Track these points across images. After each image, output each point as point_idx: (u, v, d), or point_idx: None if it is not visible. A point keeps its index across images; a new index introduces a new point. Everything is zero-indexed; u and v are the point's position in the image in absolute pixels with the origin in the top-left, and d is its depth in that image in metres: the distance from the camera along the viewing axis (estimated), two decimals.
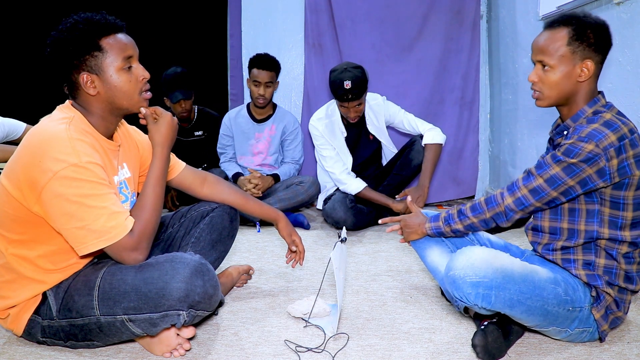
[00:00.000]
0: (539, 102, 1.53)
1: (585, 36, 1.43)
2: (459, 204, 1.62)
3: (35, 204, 1.32)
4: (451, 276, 1.41)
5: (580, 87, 1.47)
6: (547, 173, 1.42)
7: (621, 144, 1.36)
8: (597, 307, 1.47)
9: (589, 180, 1.39)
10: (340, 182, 2.95)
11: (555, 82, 1.47)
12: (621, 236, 1.44)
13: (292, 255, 1.95)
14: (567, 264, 1.51)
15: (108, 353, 1.49)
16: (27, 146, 1.34)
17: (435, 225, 1.68)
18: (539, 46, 1.49)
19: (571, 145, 1.38)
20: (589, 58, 1.44)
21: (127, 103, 1.45)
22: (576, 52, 1.44)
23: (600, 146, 1.35)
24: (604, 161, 1.36)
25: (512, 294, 1.37)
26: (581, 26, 1.44)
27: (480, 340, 1.44)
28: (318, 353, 1.50)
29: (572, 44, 1.44)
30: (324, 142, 3.00)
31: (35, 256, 1.40)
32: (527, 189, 1.46)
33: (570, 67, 1.45)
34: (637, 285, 1.49)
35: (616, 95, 2.08)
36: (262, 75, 3.14)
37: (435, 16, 3.48)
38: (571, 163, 1.38)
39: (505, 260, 1.41)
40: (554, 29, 1.47)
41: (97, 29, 1.39)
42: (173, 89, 3.25)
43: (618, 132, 1.37)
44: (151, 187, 1.46)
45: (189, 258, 1.39)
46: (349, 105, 2.83)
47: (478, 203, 1.56)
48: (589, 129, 1.38)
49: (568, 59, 1.45)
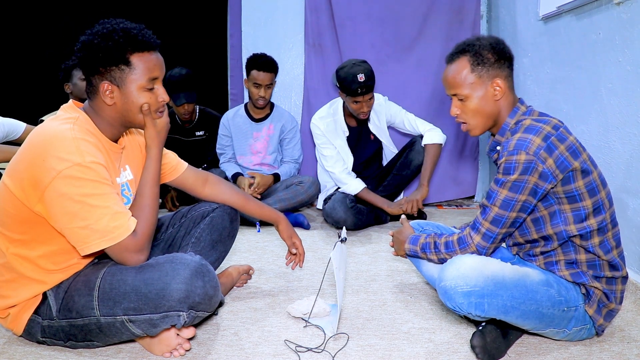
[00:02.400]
0: (472, 132, 1.58)
1: (485, 58, 1.50)
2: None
3: (37, 203, 1.32)
4: (442, 287, 1.41)
5: (500, 104, 1.53)
6: (498, 199, 1.44)
7: (549, 143, 1.39)
8: (589, 303, 1.48)
9: (537, 187, 1.41)
10: (340, 181, 2.95)
11: (476, 109, 1.52)
12: (588, 226, 1.44)
13: (292, 257, 1.95)
14: (551, 266, 1.52)
15: (108, 353, 1.49)
16: (30, 145, 1.34)
17: (413, 248, 1.69)
18: (448, 81, 1.56)
19: (506, 163, 1.41)
20: (496, 77, 1.50)
21: (139, 120, 1.45)
22: (482, 76, 1.50)
23: (531, 152, 1.38)
24: (540, 165, 1.38)
25: (505, 300, 1.37)
26: (478, 51, 1.50)
27: (478, 340, 1.44)
28: (318, 353, 1.50)
29: (475, 69, 1.50)
30: (325, 141, 2.99)
31: (36, 256, 1.40)
32: (487, 222, 1.48)
33: (483, 91, 1.51)
34: (624, 269, 1.50)
35: (616, 95, 2.08)
36: (263, 77, 3.13)
37: (435, 16, 3.48)
38: (514, 180, 1.40)
39: (495, 267, 1.41)
40: (454, 61, 1.54)
41: (130, 44, 1.37)
42: (177, 92, 3.26)
43: (540, 133, 1.40)
44: (148, 187, 1.46)
45: (189, 259, 1.39)
46: (363, 100, 2.78)
47: (451, 241, 1.56)
48: (514, 141, 1.41)
49: (478, 84, 1.51)
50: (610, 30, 2.10)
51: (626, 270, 1.51)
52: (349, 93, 2.77)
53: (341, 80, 2.77)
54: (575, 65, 2.40)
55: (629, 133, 2.01)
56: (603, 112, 2.18)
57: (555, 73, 2.60)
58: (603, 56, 2.16)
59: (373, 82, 2.77)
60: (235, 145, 3.35)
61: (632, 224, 2.00)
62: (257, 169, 3.33)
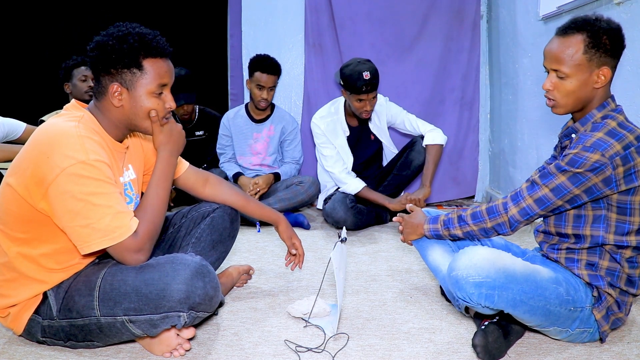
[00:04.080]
0: (555, 110, 1.49)
1: (601, 43, 1.39)
2: (460, 208, 1.61)
3: (41, 201, 1.32)
4: (454, 276, 1.41)
5: (596, 92, 1.45)
6: (553, 182, 1.41)
7: (627, 152, 1.35)
8: (598, 307, 1.47)
9: (595, 188, 1.38)
10: (340, 181, 2.95)
11: (572, 90, 1.43)
12: (627, 241, 1.43)
13: (291, 258, 1.95)
14: (570, 263, 1.51)
15: (108, 353, 1.49)
16: (35, 143, 1.34)
17: (434, 227, 1.67)
18: (553, 54, 1.44)
19: (576, 155, 1.37)
20: (605, 64, 1.41)
21: (145, 125, 1.46)
22: (593, 60, 1.40)
23: (606, 155, 1.34)
24: (610, 170, 1.35)
25: (515, 294, 1.37)
26: (596, 32, 1.39)
27: (480, 340, 1.44)
28: (318, 353, 1.50)
29: (588, 51, 1.40)
30: (325, 140, 2.99)
31: (39, 255, 1.40)
32: (532, 199, 1.45)
33: (587, 75, 1.42)
34: (639, 289, 1.50)
35: (616, 95, 2.07)
36: (266, 79, 3.13)
37: (435, 16, 3.48)
38: (577, 172, 1.37)
39: (507, 261, 1.41)
40: (567, 35, 1.42)
41: (144, 48, 1.39)
42: (176, 92, 3.25)
43: (623, 141, 1.36)
44: (154, 189, 1.46)
45: (190, 259, 1.39)
46: (367, 98, 2.78)
47: (480, 211, 1.55)
48: (594, 139, 1.36)
49: (585, 67, 1.41)
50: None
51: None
52: (354, 91, 2.76)
53: (346, 78, 2.76)
54: None
55: None
56: None
57: None
58: None
59: (377, 81, 2.78)
60: (235, 145, 3.35)
61: None
62: (256, 169, 3.33)
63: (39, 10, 4.23)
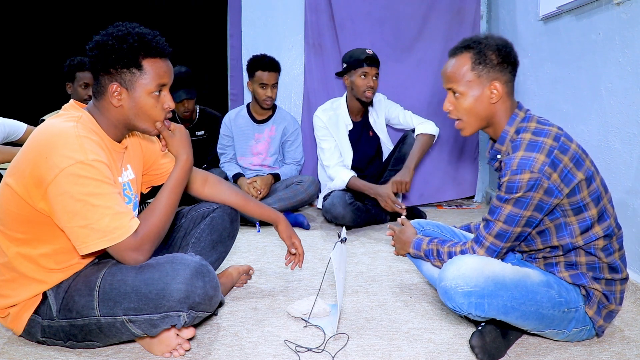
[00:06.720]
0: (463, 132, 1.56)
1: (487, 59, 1.46)
2: (438, 244, 1.61)
3: (40, 201, 1.32)
4: (443, 287, 1.41)
5: (495, 107, 1.50)
6: (502, 214, 1.43)
7: (552, 158, 1.37)
8: (589, 304, 1.48)
9: (542, 203, 1.40)
10: (331, 177, 2.98)
11: (469, 107, 1.50)
12: (594, 235, 1.44)
13: (291, 258, 1.95)
14: (550, 268, 1.53)
15: (108, 353, 1.49)
16: (34, 143, 1.34)
17: (417, 253, 1.70)
18: (447, 74, 1.53)
19: (509, 182, 1.39)
20: (496, 79, 1.47)
21: (144, 125, 1.46)
22: (482, 76, 1.47)
23: (535, 170, 1.36)
24: (545, 181, 1.37)
25: (505, 301, 1.37)
26: (482, 49, 1.47)
27: (477, 341, 1.44)
28: (318, 353, 1.50)
29: (475, 68, 1.47)
30: (326, 133, 3.02)
31: (38, 255, 1.40)
32: (492, 236, 1.47)
33: (480, 91, 1.48)
34: (623, 272, 1.50)
35: (616, 95, 2.08)
36: (268, 77, 3.13)
37: (435, 16, 3.48)
38: (518, 197, 1.39)
39: (496, 267, 1.41)
40: (457, 55, 1.51)
41: (144, 48, 1.39)
42: (177, 89, 3.25)
43: (543, 149, 1.38)
44: (166, 193, 1.48)
45: (190, 259, 1.39)
46: (370, 72, 2.87)
47: (454, 253, 1.55)
48: (517, 160, 1.39)
49: (475, 83, 1.48)
50: (610, 30, 2.10)
51: (626, 272, 1.51)
52: (358, 65, 2.88)
53: (349, 56, 2.91)
54: (575, 65, 2.40)
55: (629, 133, 2.01)
56: (603, 112, 2.18)
57: (555, 73, 2.61)
58: (603, 56, 2.16)
59: (378, 60, 2.93)
60: (237, 145, 3.35)
61: (632, 223, 2.00)
62: (257, 169, 3.33)
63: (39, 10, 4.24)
